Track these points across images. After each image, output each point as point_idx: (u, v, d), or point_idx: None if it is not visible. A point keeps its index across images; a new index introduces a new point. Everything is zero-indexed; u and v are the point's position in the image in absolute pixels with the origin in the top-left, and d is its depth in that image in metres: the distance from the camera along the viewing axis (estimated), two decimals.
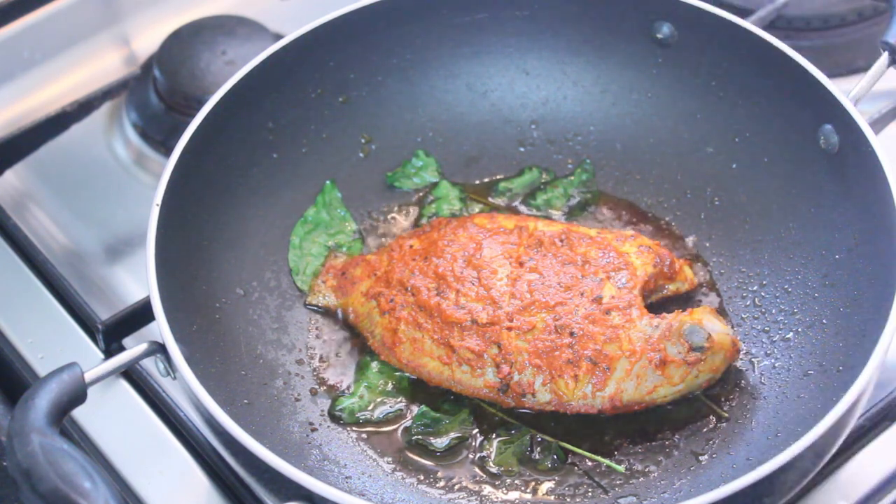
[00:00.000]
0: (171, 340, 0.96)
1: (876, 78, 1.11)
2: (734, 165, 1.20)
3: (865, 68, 1.12)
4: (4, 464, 1.05)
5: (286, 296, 1.16)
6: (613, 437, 1.06)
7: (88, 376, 0.94)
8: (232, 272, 1.13)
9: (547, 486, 1.04)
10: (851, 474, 1.05)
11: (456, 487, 1.04)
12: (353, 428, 1.08)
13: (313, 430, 1.07)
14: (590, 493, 1.03)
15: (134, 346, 0.99)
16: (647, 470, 1.04)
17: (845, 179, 1.08)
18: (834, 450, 0.95)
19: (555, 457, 1.05)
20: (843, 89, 1.09)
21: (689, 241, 1.19)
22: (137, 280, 1.22)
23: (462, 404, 1.08)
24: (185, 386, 0.95)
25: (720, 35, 1.16)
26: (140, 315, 1.14)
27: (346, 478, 1.03)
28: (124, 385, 1.13)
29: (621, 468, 1.04)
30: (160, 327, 0.97)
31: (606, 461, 1.04)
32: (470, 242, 1.13)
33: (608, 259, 1.10)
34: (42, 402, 0.90)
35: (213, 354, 1.04)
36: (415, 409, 1.09)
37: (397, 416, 1.09)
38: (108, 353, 1.15)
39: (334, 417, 1.08)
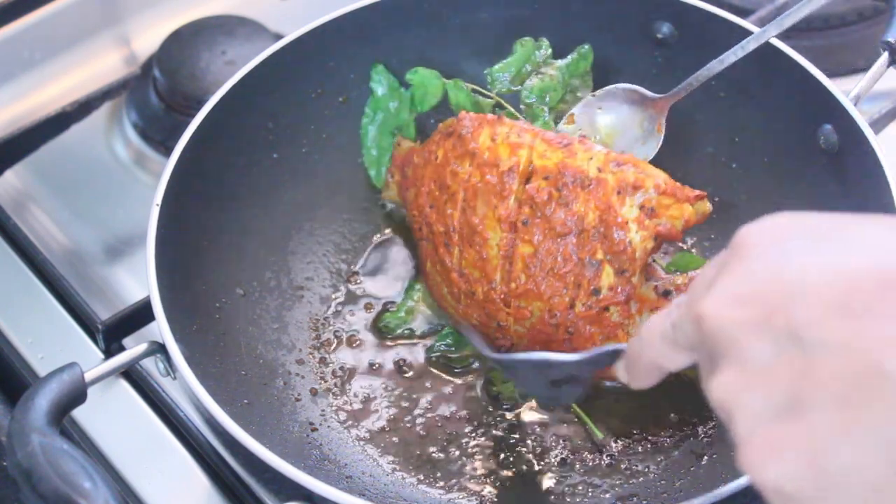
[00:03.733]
0: (171, 340, 0.96)
1: (876, 78, 1.11)
2: (734, 165, 1.20)
3: (865, 68, 1.12)
4: (4, 464, 1.05)
5: (286, 296, 1.16)
6: (613, 437, 1.06)
7: (88, 376, 0.94)
8: (232, 272, 1.13)
9: (546, 485, 1.04)
10: None
11: (456, 488, 1.04)
12: (390, 340, 1.14)
13: (313, 430, 1.07)
14: (590, 493, 1.03)
15: (134, 346, 1.00)
16: (647, 470, 1.04)
17: (845, 179, 1.08)
18: None
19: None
20: (843, 89, 1.09)
21: (690, 241, 1.19)
22: (137, 280, 1.22)
23: None
24: (185, 386, 0.95)
25: (720, 35, 1.16)
26: (140, 315, 1.14)
27: (347, 477, 1.03)
28: (124, 385, 1.13)
29: (600, 434, 1.04)
30: (160, 327, 0.97)
31: (590, 423, 1.04)
32: (467, 184, 1.06)
33: (606, 231, 1.00)
34: (42, 402, 0.90)
35: (213, 354, 1.05)
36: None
37: (434, 333, 1.13)
38: (108, 353, 1.15)
39: (377, 330, 1.14)
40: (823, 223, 0.67)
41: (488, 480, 1.04)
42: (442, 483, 1.05)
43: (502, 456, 1.06)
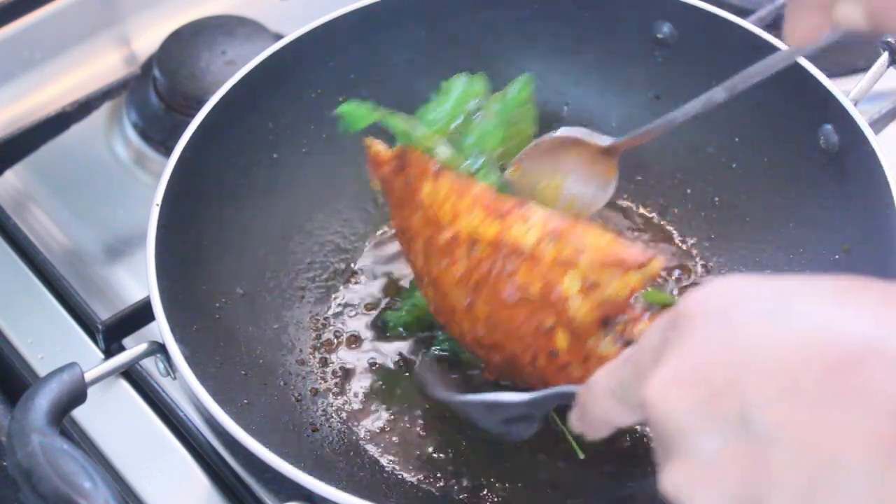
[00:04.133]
0: (171, 340, 0.96)
1: (876, 78, 1.11)
2: (734, 165, 1.20)
3: (865, 68, 1.12)
4: (4, 464, 1.05)
5: (286, 296, 1.16)
6: (613, 437, 1.06)
7: (88, 376, 0.94)
8: (232, 272, 1.13)
9: (546, 485, 1.04)
10: None
11: (456, 488, 1.04)
12: (391, 340, 1.13)
13: (314, 430, 1.07)
14: (589, 494, 1.03)
15: (134, 346, 1.00)
16: (647, 470, 1.04)
17: (845, 179, 1.08)
18: None
19: None
20: (843, 89, 1.09)
21: (690, 241, 1.19)
22: (137, 280, 1.22)
23: None
24: (185, 386, 0.95)
25: (720, 35, 1.16)
26: (140, 315, 1.14)
27: (347, 477, 1.03)
28: (124, 385, 1.13)
29: (582, 454, 1.03)
30: (160, 327, 0.97)
31: (573, 443, 1.03)
32: (421, 235, 1.03)
33: (552, 302, 0.96)
34: (42, 402, 0.90)
35: (213, 354, 1.04)
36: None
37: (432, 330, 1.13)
38: (108, 353, 1.15)
39: (377, 330, 1.14)
40: (769, 290, 0.63)
41: (488, 481, 1.04)
42: (442, 483, 1.04)
43: (502, 456, 1.06)
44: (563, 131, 1.09)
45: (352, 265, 1.21)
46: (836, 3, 0.82)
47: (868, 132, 1.05)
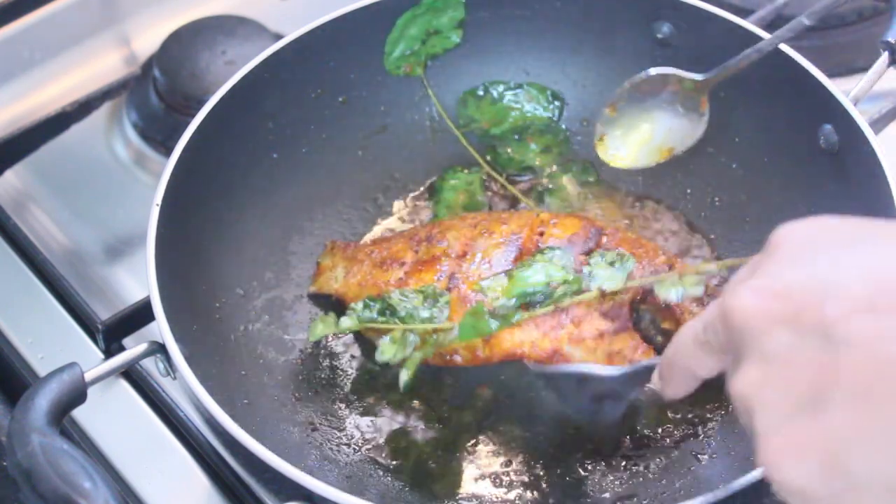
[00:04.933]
0: (171, 340, 0.96)
1: (876, 78, 1.11)
2: (734, 165, 1.20)
3: (865, 68, 1.12)
4: (4, 464, 1.05)
5: (286, 296, 1.16)
6: (613, 436, 1.06)
7: (88, 376, 0.94)
8: (232, 272, 1.13)
9: (546, 485, 1.04)
10: None
11: (456, 488, 1.04)
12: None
13: (313, 430, 1.07)
14: (589, 494, 1.03)
15: (134, 346, 1.00)
16: (647, 470, 1.04)
17: (845, 179, 1.08)
18: None
19: None
20: (843, 89, 1.09)
21: (692, 240, 1.19)
22: (137, 280, 1.22)
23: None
24: (185, 386, 0.95)
25: (720, 35, 1.16)
26: (140, 315, 1.14)
27: (347, 477, 1.03)
28: (124, 385, 1.13)
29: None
30: (160, 327, 0.97)
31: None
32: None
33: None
34: (42, 402, 0.90)
35: (213, 354, 1.04)
36: None
37: None
38: (108, 353, 1.15)
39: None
40: (855, 227, 0.70)
41: (488, 481, 1.04)
42: (441, 483, 1.04)
43: (502, 457, 1.06)
44: (654, 70, 1.15)
45: None
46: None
47: (868, 132, 1.05)
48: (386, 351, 1.05)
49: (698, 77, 1.14)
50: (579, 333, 1.03)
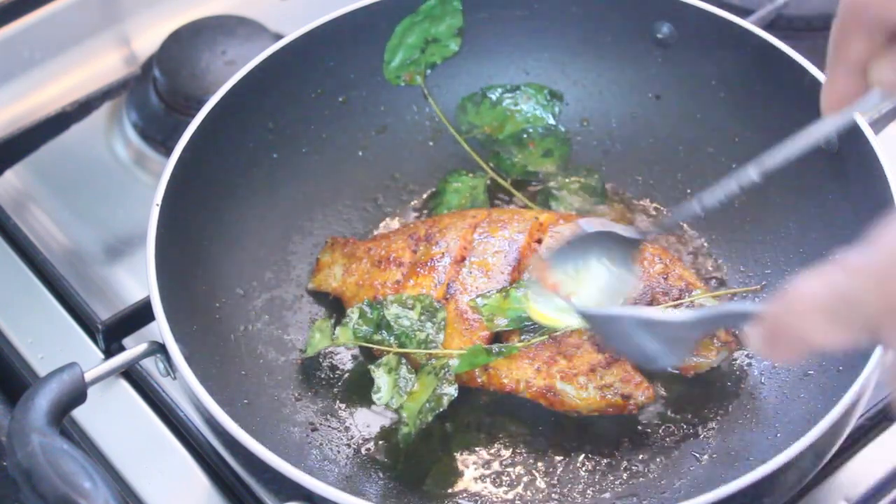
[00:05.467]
0: (171, 340, 0.96)
1: None
2: (734, 165, 1.20)
3: None
4: (4, 464, 1.05)
5: (286, 296, 1.16)
6: (613, 436, 1.06)
7: (88, 376, 0.94)
8: (232, 272, 1.13)
9: (546, 485, 1.04)
10: (851, 474, 1.05)
11: (456, 488, 1.04)
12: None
13: (313, 430, 1.07)
14: (589, 493, 1.03)
15: (134, 346, 1.00)
16: (647, 470, 1.04)
17: (845, 179, 1.08)
18: (834, 450, 0.95)
19: None
20: None
21: (695, 237, 1.19)
22: (137, 280, 1.22)
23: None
24: (185, 386, 0.95)
25: (720, 35, 1.16)
26: (140, 315, 1.14)
27: (347, 477, 1.03)
28: (124, 385, 1.13)
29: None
30: (160, 327, 0.97)
31: None
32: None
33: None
34: (42, 402, 0.90)
35: (213, 354, 1.05)
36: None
37: None
38: (108, 353, 1.15)
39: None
40: None
41: (488, 480, 1.04)
42: (442, 483, 1.04)
43: (502, 456, 1.06)
44: (584, 224, 1.04)
45: None
46: (872, 66, 0.81)
47: (868, 132, 1.05)
48: (384, 397, 1.05)
49: (634, 236, 1.05)
50: (571, 368, 1.04)
